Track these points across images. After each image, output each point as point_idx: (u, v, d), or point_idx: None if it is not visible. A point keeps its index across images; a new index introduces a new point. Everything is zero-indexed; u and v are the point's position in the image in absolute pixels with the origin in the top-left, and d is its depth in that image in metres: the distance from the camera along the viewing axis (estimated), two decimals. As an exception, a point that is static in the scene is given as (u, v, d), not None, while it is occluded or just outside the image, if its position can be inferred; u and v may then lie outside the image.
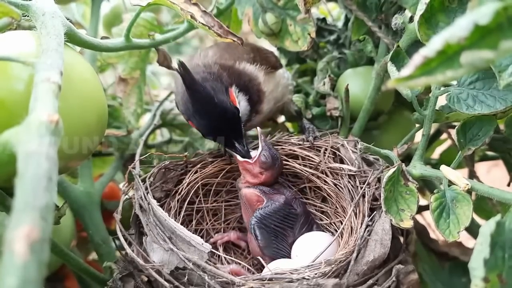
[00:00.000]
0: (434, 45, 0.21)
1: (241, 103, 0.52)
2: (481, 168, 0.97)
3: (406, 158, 0.54)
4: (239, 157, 0.52)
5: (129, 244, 0.46)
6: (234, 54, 0.55)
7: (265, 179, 0.53)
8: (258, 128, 0.54)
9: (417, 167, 0.46)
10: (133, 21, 0.48)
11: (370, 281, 0.41)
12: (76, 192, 0.59)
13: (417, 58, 0.21)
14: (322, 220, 0.56)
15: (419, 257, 0.64)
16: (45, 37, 0.34)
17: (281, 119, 0.71)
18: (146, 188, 0.50)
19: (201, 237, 0.51)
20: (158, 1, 0.45)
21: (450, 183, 0.43)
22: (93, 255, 0.76)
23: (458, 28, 0.20)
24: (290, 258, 0.50)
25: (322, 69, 0.63)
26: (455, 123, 0.46)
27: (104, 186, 0.65)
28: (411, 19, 0.48)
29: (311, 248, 0.48)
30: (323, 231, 0.54)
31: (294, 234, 0.52)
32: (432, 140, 0.71)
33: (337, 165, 0.53)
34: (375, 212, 0.46)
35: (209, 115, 0.49)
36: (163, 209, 0.48)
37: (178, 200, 0.54)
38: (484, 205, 0.66)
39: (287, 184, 0.59)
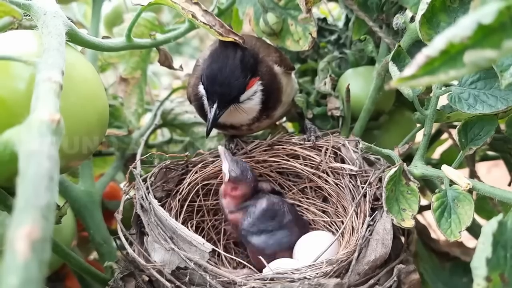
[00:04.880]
0: (437, 44, 0.21)
1: (255, 96, 0.51)
2: (481, 168, 0.96)
3: (407, 158, 0.54)
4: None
5: (130, 243, 0.46)
6: (266, 50, 0.54)
7: (243, 193, 0.53)
8: (219, 147, 0.53)
9: (418, 167, 0.46)
10: (134, 21, 0.48)
11: (372, 281, 0.41)
12: (77, 191, 0.59)
13: (420, 57, 0.21)
14: (323, 220, 0.56)
15: (420, 257, 0.64)
16: (47, 37, 0.34)
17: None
18: (147, 188, 0.49)
19: (202, 237, 0.51)
20: (159, 1, 0.45)
21: (452, 182, 0.43)
22: (94, 255, 0.75)
23: (461, 27, 0.20)
24: (293, 248, 0.50)
25: (323, 69, 0.63)
26: (456, 123, 0.46)
27: (105, 186, 0.65)
28: (412, 19, 0.48)
29: (312, 248, 0.48)
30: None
31: (292, 225, 0.52)
32: (433, 140, 0.71)
33: (338, 164, 0.53)
34: (376, 211, 0.46)
35: (219, 66, 0.48)
36: (164, 209, 0.48)
37: (179, 200, 0.54)
38: (485, 205, 0.66)
39: (287, 184, 0.59)
